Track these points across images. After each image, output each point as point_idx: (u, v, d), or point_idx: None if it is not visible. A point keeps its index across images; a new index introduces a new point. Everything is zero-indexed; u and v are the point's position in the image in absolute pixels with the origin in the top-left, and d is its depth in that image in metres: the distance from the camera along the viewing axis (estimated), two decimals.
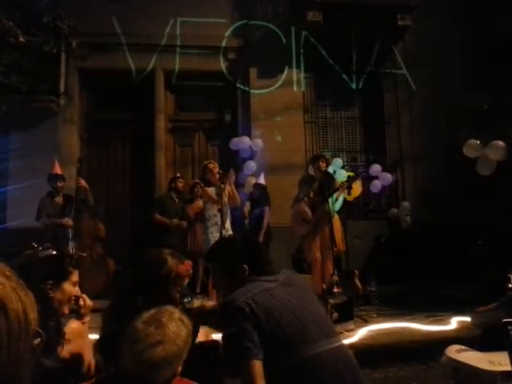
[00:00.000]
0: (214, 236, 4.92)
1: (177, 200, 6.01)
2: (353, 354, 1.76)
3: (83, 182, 5.39)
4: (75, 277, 2.02)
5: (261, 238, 5.54)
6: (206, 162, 5.37)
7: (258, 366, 1.52)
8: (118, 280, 5.41)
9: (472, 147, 5.75)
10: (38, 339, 0.76)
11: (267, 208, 5.84)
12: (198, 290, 5.88)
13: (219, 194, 4.93)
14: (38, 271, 1.76)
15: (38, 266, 1.80)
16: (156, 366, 1.35)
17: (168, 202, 5.94)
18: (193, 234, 5.98)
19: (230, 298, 1.69)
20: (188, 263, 2.04)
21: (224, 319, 1.69)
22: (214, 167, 5.11)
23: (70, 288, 1.97)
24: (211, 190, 5.08)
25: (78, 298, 2.07)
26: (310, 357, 1.58)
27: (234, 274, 1.84)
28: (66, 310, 1.97)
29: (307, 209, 4.94)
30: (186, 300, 4.90)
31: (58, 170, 5.46)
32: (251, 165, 6.54)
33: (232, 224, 5.27)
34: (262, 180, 6.11)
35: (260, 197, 5.88)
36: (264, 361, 1.54)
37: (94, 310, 4.90)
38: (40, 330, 0.76)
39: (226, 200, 4.94)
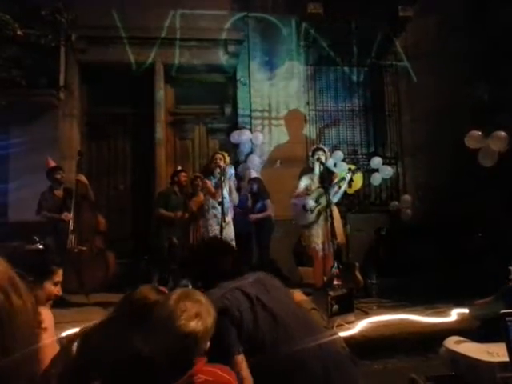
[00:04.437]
0: (214, 228, 4.93)
1: (179, 194, 6.01)
2: (344, 348, 1.77)
3: (83, 178, 5.40)
4: (58, 276, 1.99)
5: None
6: (217, 152, 5.37)
7: (240, 359, 1.60)
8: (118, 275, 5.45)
9: (474, 138, 5.73)
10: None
11: (269, 201, 5.83)
12: (199, 283, 5.90)
13: (218, 186, 4.94)
14: (19, 265, 1.69)
15: (19, 259, 1.76)
16: (197, 339, 1.40)
17: (171, 196, 5.94)
18: (195, 228, 5.99)
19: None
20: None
21: None
22: (221, 159, 5.09)
23: (51, 287, 1.94)
24: (211, 183, 5.08)
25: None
26: (290, 354, 1.61)
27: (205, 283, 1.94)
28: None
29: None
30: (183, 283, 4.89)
31: (52, 163, 5.48)
32: (256, 159, 6.52)
33: (234, 218, 5.28)
34: (255, 173, 6.08)
35: (259, 190, 5.86)
36: (247, 354, 1.60)
37: (94, 304, 4.92)
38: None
39: (227, 194, 4.93)
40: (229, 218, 5.04)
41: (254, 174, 6.07)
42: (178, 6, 6.97)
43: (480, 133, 5.71)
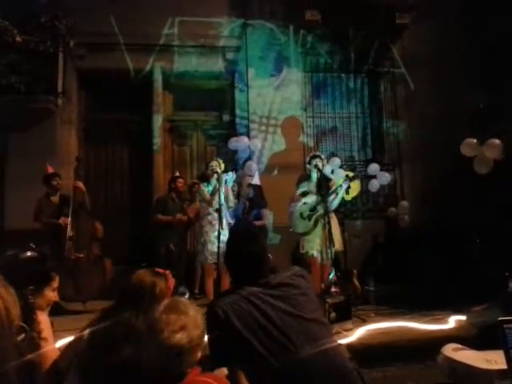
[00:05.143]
0: (209, 235, 4.92)
1: (177, 200, 6.01)
2: (345, 357, 1.75)
3: (80, 185, 5.39)
4: (56, 282, 2.01)
5: None
6: (213, 159, 5.39)
7: (234, 369, 1.60)
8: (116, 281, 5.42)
9: (469, 146, 5.76)
10: (22, 335, 0.75)
11: (265, 210, 5.80)
12: (196, 290, 5.89)
13: (214, 192, 4.94)
14: (20, 275, 1.72)
15: (20, 269, 1.77)
16: (182, 352, 1.39)
17: (169, 202, 5.94)
18: (193, 235, 5.99)
19: (213, 300, 1.78)
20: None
21: (206, 322, 1.74)
22: (217, 165, 5.09)
23: (50, 294, 1.96)
24: (207, 190, 5.07)
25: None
26: (287, 363, 1.59)
27: (231, 268, 1.93)
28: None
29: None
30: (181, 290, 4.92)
31: (50, 169, 5.48)
32: (253, 166, 6.51)
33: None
34: (257, 180, 6.07)
35: (255, 197, 5.84)
36: (245, 367, 1.60)
37: (92, 311, 4.90)
38: (24, 325, 0.75)
39: (224, 200, 4.92)
40: (225, 224, 5.03)
41: (256, 181, 6.06)
42: (176, 13, 7.00)
43: (475, 140, 5.74)
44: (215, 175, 4.98)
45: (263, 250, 1.95)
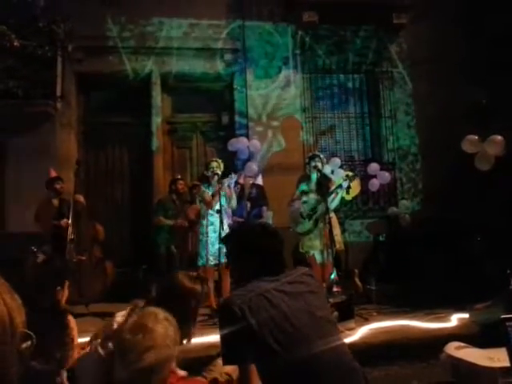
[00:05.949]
0: (210, 236, 4.91)
1: (177, 202, 6.01)
2: (351, 355, 1.75)
3: (81, 199, 5.38)
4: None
5: None
6: (212, 159, 5.36)
7: (247, 368, 1.60)
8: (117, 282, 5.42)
9: (471, 142, 5.75)
10: (28, 342, 0.75)
11: (265, 208, 5.84)
12: None
13: (214, 194, 4.93)
14: (48, 277, 1.76)
15: (46, 272, 1.80)
16: (151, 372, 1.35)
17: (170, 204, 5.94)
18: (194, 236, 5.98)
19: (227, 297, 1.71)
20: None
21: (219, 320, 1.74)
22: (217, 166, 5.08)
23: (67, 290, 1.98)
24: (207, 191, 5.06)
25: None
26: (300, 359, 1.59)
27: (243, 265, 1.87)
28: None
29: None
30: None
31: (53, 173, 5.48)
32: (253, 167, 6.52)
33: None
34: (259, 180, 6.10)
35: (257, 197, 5.87)
36: (258, 363, 1.60)
37: (94, 314, 4.90)
38: (30, 333, 0.75)
39: (224, 201, 4.91)
40: (225, 225, 5.02)
41: (258, 181, 6.09)
42: (174, 15, 7.01)
43: (476, 137, 5.73)
44: (216, 177, 4.98)
45: (282, 246, 1.95)
